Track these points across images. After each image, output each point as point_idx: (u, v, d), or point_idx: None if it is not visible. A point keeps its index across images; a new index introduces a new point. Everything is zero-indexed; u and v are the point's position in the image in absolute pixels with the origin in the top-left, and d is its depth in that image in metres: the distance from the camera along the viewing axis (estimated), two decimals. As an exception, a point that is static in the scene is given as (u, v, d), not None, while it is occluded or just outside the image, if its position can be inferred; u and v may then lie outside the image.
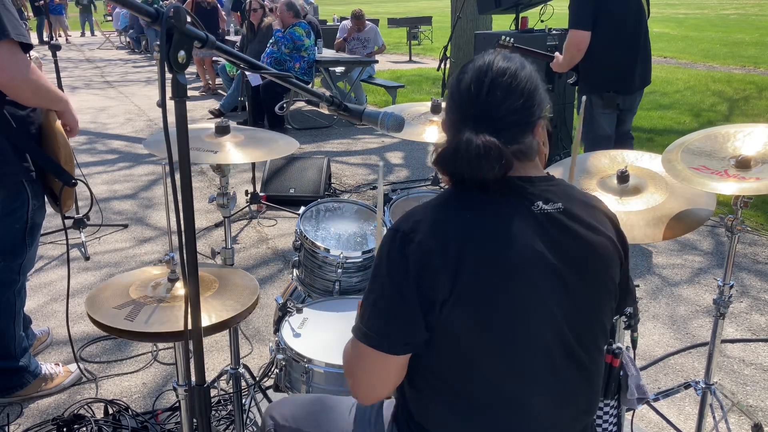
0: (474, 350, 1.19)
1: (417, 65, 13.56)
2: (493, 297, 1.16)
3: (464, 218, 1.18)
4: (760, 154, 1.84)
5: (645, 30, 3.87)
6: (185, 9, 1.09)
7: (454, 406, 1.23)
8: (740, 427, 2.44)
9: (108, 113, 8.47)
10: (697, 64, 12.07)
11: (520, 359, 1.21)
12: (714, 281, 3.61)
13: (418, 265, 1.15)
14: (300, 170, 4.99)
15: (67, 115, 2.36)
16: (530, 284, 1.18)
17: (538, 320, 1.20)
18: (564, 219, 1.22)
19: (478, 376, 1.21)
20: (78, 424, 2.30)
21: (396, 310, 1.18)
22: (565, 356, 1.23)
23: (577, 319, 1.23)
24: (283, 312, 2.07)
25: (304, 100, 3.42)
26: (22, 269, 2.47)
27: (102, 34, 19.00)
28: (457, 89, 1.26)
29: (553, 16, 5.39)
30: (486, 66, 1.24)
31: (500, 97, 1.21)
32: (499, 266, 1.16)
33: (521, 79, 1.23)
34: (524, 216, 1.20)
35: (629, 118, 4.10)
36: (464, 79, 1.25)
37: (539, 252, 1.18)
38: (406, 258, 1.16)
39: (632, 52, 3.81)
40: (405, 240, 1.18)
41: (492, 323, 1.17)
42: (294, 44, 6.98)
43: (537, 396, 1.23)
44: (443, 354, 1.21)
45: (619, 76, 3.83)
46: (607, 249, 1.26)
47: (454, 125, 1.25)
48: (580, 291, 1.23)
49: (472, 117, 1.22)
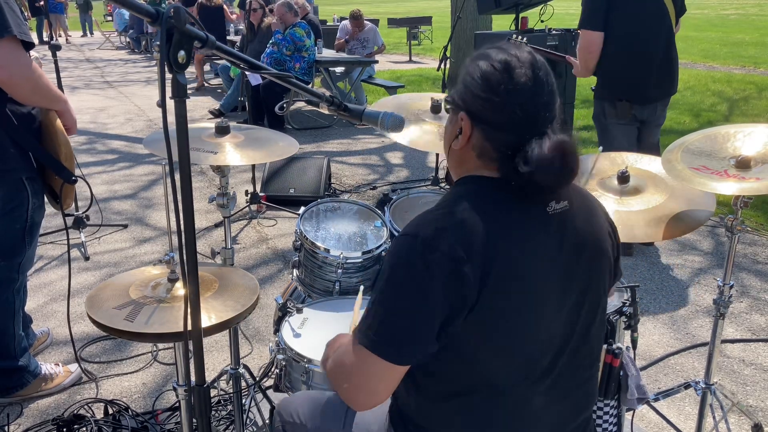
0: (482, 356, 1.18)
1: (417, 65, 13.56)
2: (514, 304, 1.15)
3: (492, 224, 1.13)
4: (760, 154, 1.84)
5: (667, 33, 3.50)
6: (185, 9, 1.09)
7: (457, 408, 1.23)
8: (740, 427, 2.44)
9: (108, 113, 8.47)
10: (697, 64, 12.07)
11: (529, 364, 1.21)
12: (714, 281, 3.61)
13: (445, 274, 1.10)
14: (300, 170, 4.99)
15: (66, 115, 2.36)
16: (546, 285, 1.18)
17: (551, 326, 1.20)
18: (571, 217, 1.23)
19: (483, 379, 1.20)
20: (78, 424, 2.30)
21: (414, 321, 1.12)
22: (572, 358, 1.24)
23: (584, 319, 1.25)
24: (283, 312, 2.07)
25: (304, 100, 3.42)
26: (21, 268, 2.47)
27: (102, 34, 18.99)
28: (511, 83, 1.14)
29: (553, 16, 5.39)
30: (528, 60, 1.16)
31: (553, 89, 1.17)
32: (522, 273, 1.15)
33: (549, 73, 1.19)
34: (543, 220, 1.18)
35: (653, 131, 3.69)
36: (518, 75, 1.15)
37: (554, 253, 1.18)
38: (428, 267, 1.10)
39: (648, 57, 3.47)
40: (428, 247, 1.11)
41: (508, 330, 1.16)
42: (295, 45, 6.98)
43: (537, 398, 1.23)
44: (449, 359, 1.19)
45: (633, 83, 3.51)
46: (605, 243, 1.29)
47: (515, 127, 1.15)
48: (587, 283, 1.24)
49: (543, 119, 1.15)
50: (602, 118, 3.69)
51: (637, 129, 3.67)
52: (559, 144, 1.11)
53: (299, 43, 6.99)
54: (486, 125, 1.18)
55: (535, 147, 1.12)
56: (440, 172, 5.23)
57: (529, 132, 1.14)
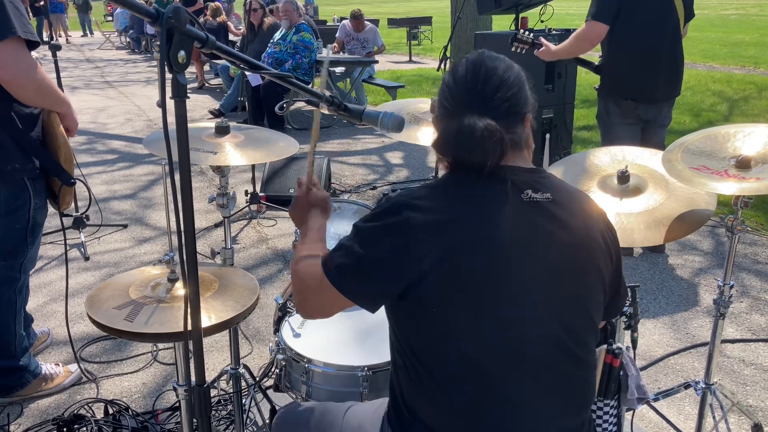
0: (456, 333, 1.21)
1: (417, 65, 13.56)
2: (477, 277, 1.20)
3: (457, 200, 1.24)
4: (760, 154, 1.84)
5: (673, 34, 3.50)
6: (185, 9, 1.09)
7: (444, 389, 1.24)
8: (740, 427, 2.44)
9: (108, 113, 8.47)
10: (697, 65, 12.07)
11: (503, 343, 1.22)
12: (714, 281, 3.61)
13: (406, 236, 1.20)
14: (300, 170, 4.99)
15: (69, 117, 2.36)
16: (516, 267, 1.21)
17: (522, 305, 1.22)
18: (552, 208, 1.25)
19: (463, 360, 1.22)
20: (78, 424, 2.30)
21: (383, 269, 1.22)
22: (553, 344, 1.24)
23: (564, 307, 1.25)
24: (283, 312, 2.07)
25: (304, 100, 3.42)
26: (23, 268, 2.47)
27: (102, 34, 19.00)
28: (453, 79, 1.32)
29: (553, 16, 5.39)
30: (479, 60, 1.32)
31: (495, 85, 1.27)
32: (485, 247, 1.20)
33: (510, 73, 1.31)
34: (514, 202, 1.24)
35: (657, 131, 3.67)
36: (459, 70, 1.32)
37: (528, 238, 1.22)
38: (409, 224, 1.21)
39: (655, 57, 3.47)
40: (407, 204, 1.23)
41: (475, 304, 1.20)
42: (308, 50, 7.03)
43: (524, 382, 1.23)
44: (429, 335, 1.23)
45: (639, 82, 3.50)
46: (595, 241, 1.28)
47: (449, 113, 1.30)
48: (566, 279, 1.25)
49: (469, 104, 1.27)
50: (606, 117, 3.67)
51: (641, 129, 3.65)
52: (463, 125, 1.23)
53: (311, 47, 7.05)
54: (437, 120, 1.34)
55: (445, 127, 1.27)
56: (440, 172, 5.22)
57: (458, 118, 1.25)
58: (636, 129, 3.62)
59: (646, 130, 3.65)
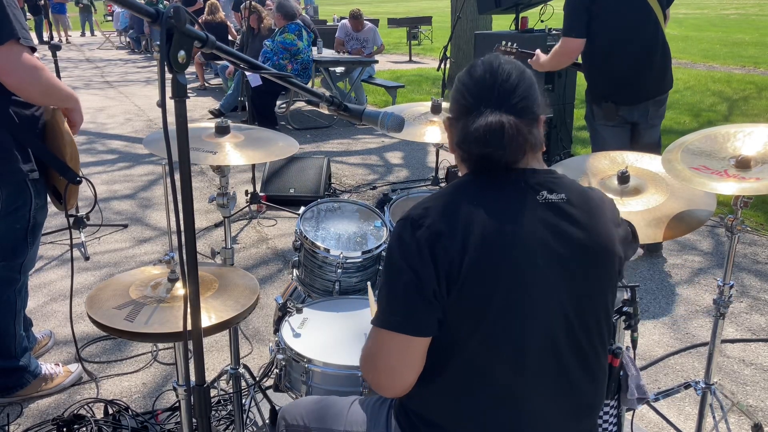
0: (468, 335, 1.21)
1: (417, 65, 13.56)
2: (496, 279, 1.20)
3: (473, 204, 1.23)
4: (760, 154, 1.84)
5: (653, 34, 3.44)
6: (185, 9, 1.09)
7: (457, 397, 1.24)
8: (740, 427, 2.44)
9: (107, 113, 8.47)
10: (697, 64, 12.07)
11: (521, 345, 1.22)
12: (714, 281, 3.61)
13: (429, 246, 1.19)
14: (300, 170, 4.99)
15: (75, 113, 2.36)
16: (534, 269, 1.21)
17: (541, 306, 1.22)
18: (567, 208, 1.26)
19: (472, 363, 1.22)
20: (78, 424, 2.30)
21: (415, 291, 1.20)
22: (569, 344, 1.25)
23: (581, 306, 1.25)
24: (283, 312, 2.07)
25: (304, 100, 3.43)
26: (23, 268, 2.47)
27: (102, 34, 18.99)
28: (470, 78, 1.31)
29: (553, 16, 5.39)
30: (495, 60, 1.32)
31: (514, 83, 1.27)
32: (503, 250, 1.20)
33: (525, 74, 1.31)
34: (530, 204, 1.24)
35: (648, 132, 3.60)
36: (477, 70, 1.31)
37: (543, 239, 1.22)
38: (417, 240, 1.20)
39: (631, 57, 3.42)
40: (415, 225, 1.22)
41: (494, 306, 1.20)
42: (289, 52, 6.98)
43: (536, 378, 1.24)
44: (437, 339, 1.23)
45: (617, 84, 3.47)
46: (610, 239, 1.29)
47: (467, 111, 1.28)
48: (584, 278, 1.25)
49: (490, 101, 1.26)
50: (591, 119, 3.66)
51: (630, 131, 3.61)
52: (487, 120, 1.22)
53: (293, 49, 6.99)
54: (453, 120, 1.34)
55: (469, 124, 1.25)
56: (440, 172, 5.22)
57: (479, 116, 1.24)
58: (622, 131, 3.58)
59: (636, 131, 3.61)
